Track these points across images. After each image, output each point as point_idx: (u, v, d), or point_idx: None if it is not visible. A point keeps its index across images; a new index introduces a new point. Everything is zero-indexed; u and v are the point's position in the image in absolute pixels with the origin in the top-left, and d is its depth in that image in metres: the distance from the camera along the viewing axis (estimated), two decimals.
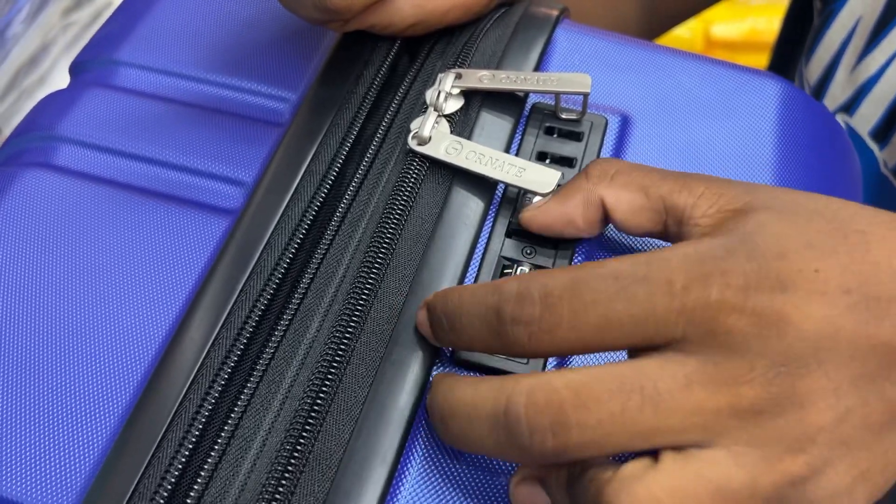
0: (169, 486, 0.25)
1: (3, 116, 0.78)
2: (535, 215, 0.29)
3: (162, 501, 0.24)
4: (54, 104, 0.35)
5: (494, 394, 0.23)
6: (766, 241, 0.23)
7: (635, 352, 0.23)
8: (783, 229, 0.23)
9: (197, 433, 0.25)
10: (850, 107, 0.49)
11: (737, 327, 0.22)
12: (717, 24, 1.25)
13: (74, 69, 0.37)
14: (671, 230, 0.26)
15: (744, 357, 0.22)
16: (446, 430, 0.24)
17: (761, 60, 1.22)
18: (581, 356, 0.28)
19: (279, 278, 0.29)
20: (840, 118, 0.50)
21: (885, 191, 0.48)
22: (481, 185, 0.31)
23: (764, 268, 0.22)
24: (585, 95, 0.32)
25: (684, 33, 1.26)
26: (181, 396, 0.26)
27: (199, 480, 0.25)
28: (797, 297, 0.22)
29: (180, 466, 0.25)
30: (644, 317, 0.22)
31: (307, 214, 0.30)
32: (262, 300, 0.28)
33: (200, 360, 0.27)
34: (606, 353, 0.27)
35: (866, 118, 0.48)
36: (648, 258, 0.23)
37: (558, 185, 0.30)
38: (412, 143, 0.31)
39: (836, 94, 0.50)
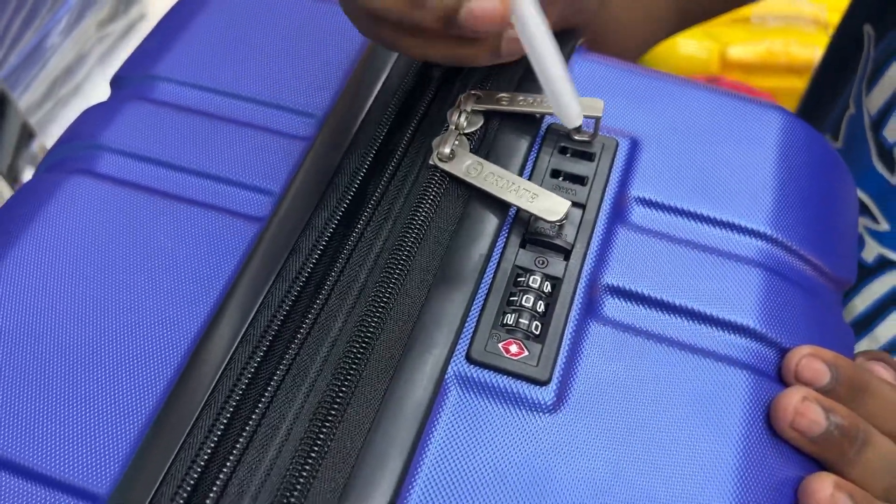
0: (199, 470, 0.27)
1: (38, 124, 0.81)
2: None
3: (192, 482, 0.26)
4: (96, 115, 0.37)
5: None
6: None
7: None
8: None
9: (226, 421, 0.27)
10: None
11: None
12: (733, 46, 1.26)
13: (115, 83, 0.39)
14: None
15: None
16: None
17: (776, 82, 1.24)
18: None
19: (304, 280, 0.31)
20: None
21: None
22: (498, 199, 0.33)
23: None
24: (597, 119, 0.34)
25: (701, 54, 1.27)
26: (212, 386, 0.28)
27: (227, 464, 0.27)
28: None
29: (209, 451, 0.27)
30: None
31: (330, 222, 0.32)
32: (287, 300, 0.30)
33: (230, 353, 0.29)
34: None
35: None
36: None
37: (565, 217, 0.32)
38: (435, 159, 0.34)
39: None
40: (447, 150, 0.34)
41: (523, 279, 0.32)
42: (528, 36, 0.29)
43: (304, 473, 0.27)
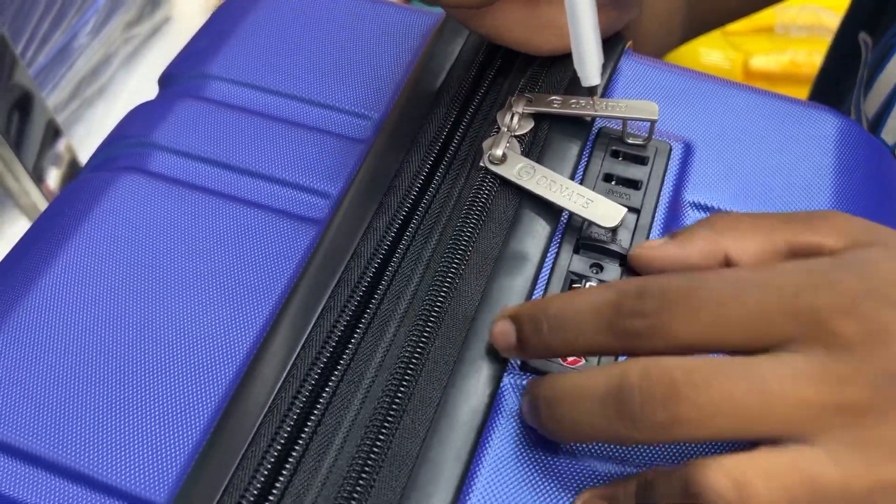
0: (262, 479, 0.26)
1: (64, 123, 0.81)
2: (652, 256, 0.29)
3: (255, 492, 0.26)
4: (146, 113, 0.37)
5: (608, 373, 0.24)
6: (879, 270, 0.24)
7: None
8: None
9: (289, 429, 0.27)
10: None
11: (843, 330, 0.23)
12: (756, 56, 1.26)
13: (164, 81, 0.39)
14: None
15: (849, 361, 0.23)
16: (552, 415, 0.25)
17: (800, 92, 1.23)
18: None
19: (366, 286, 0.30)
20: None
21: None
22: (550, 203, 0.33)
23: (874, 287, 0.23)
24: (653, 122, 0.34)
25: (724, 64, 1.27)
26: (274, 393, 0.28)
27: (283, 473, 0.26)
28: None
29: (272, 461, 0.26)
30: (755, 318, 0.24)
31: (391, 227, 0.32)
32: (350, 304, 0.30)
33: (293, 359, 0.28)
34: None
35: None
36: (763, 268, 0.25)
37: (621, 222, 0.31)
38: (486, 162, 0.33)
39: (894, 128, 0.50)
40: (499, 153, 0.33)
41: (578, 285, 0.31)
42: None
43: (362, 482, 0.26)
